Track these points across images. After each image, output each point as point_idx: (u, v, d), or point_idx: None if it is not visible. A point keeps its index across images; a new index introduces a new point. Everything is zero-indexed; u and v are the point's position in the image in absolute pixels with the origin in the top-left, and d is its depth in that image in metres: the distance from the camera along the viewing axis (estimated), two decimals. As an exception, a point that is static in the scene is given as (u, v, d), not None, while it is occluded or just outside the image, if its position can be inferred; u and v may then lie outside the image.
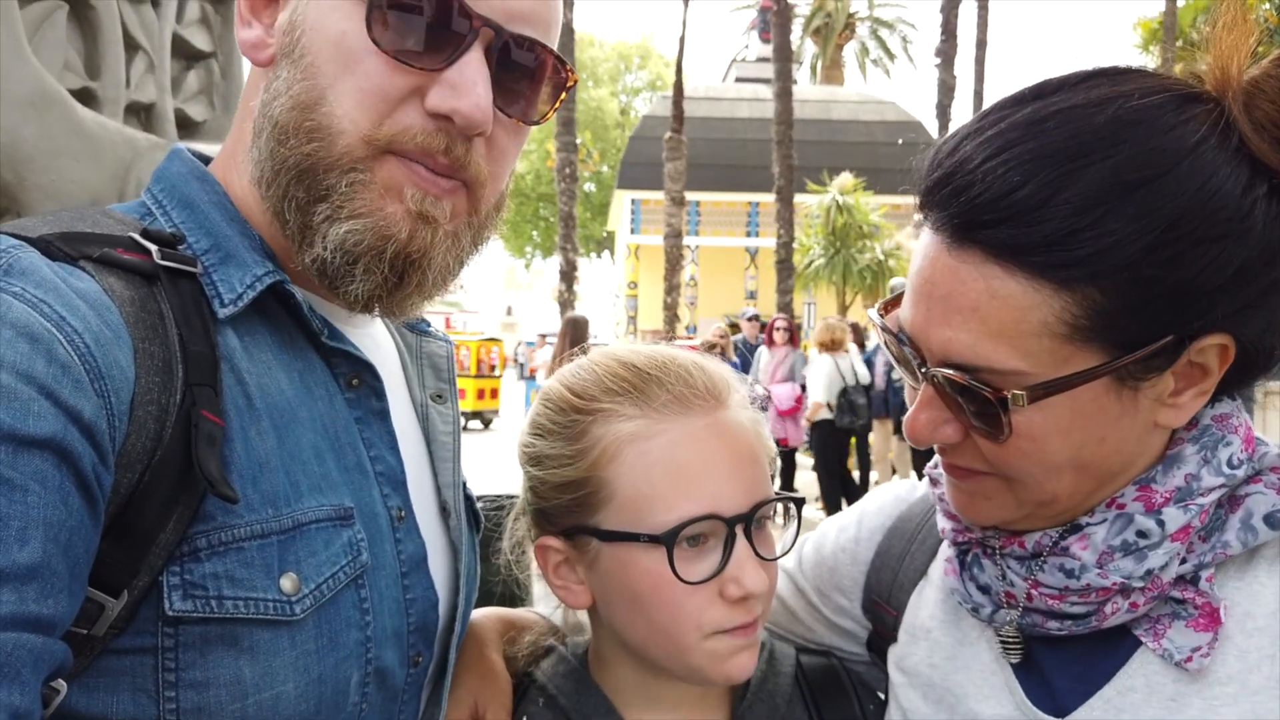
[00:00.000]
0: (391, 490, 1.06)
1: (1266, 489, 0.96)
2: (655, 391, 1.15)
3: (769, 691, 1.26)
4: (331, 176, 0.95)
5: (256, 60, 1.02)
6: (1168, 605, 0.98)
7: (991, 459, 0.97)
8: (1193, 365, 0.93)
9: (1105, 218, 0.86)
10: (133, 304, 0.86)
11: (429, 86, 0.95)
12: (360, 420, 1.06)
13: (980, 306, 0.91)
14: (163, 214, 1.01)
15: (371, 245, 0.96)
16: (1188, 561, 0.96)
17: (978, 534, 1.09)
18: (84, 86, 1.96)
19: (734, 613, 1.11)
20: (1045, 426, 0.93)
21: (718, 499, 1.11)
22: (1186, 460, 0.97)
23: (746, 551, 1.11)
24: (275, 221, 1.00)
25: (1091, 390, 0.91)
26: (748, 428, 1.18)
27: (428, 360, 1.28)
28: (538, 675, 1.29)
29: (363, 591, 0.98)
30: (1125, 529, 0.97)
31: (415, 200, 0.97)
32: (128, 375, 0.82)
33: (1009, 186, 0.89)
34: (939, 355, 0.96)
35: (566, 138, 19.55)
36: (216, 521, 0.86)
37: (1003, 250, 0.89)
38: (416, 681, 1.08)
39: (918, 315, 0.98)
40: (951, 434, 0.98)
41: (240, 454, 0.89)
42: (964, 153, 0.94)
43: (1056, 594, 1.00)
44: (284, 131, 0.96)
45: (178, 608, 0.84)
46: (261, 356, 0.97)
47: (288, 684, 0.89)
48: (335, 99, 0.95)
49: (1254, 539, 0.95)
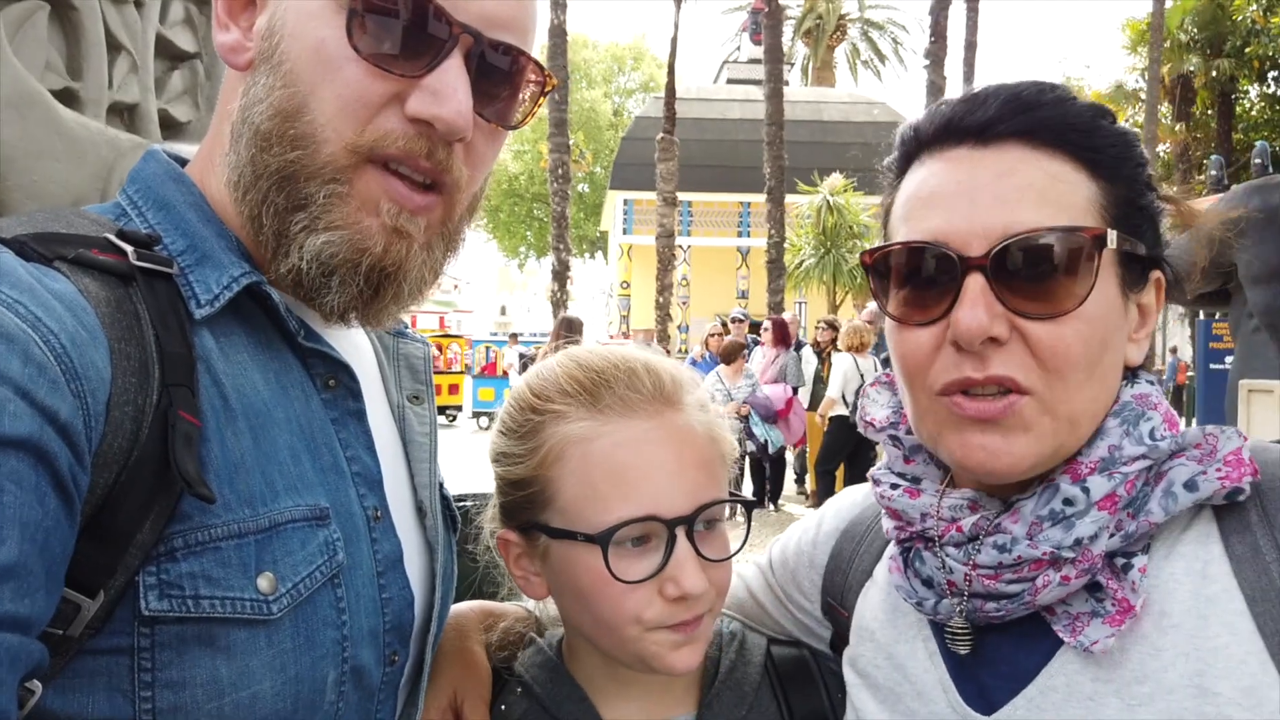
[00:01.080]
0: (368, 490, 1.06)
1: (1188, 461, 0.98)
2: (602, 394, 1.17)
3: (737, 680, 1.28)
4: (312, 186, 0.96)
5: (234, 64, 1.02)
6: (1088, 603, 0.99)
7: (1044, 351, 0.96)
8: (1142, 306, 1.05)
9: (1111, 125, 1.03)
10: (108, 304, 0.86)
11: (409, 92, 0.96)
12: (336, 421, 1.06)
13: (1035, 183, 0.98)
14: (138, 215, 1.01)
15: (347, 258, 0.97)
16: (1116, 536, 0.97)
17: (918, 526, 1.09)
18: (66, 87, 1.95)
19: (674, 610, 1.13)
20: (1096, 307, 0.97)
21: (657, 501, 1.13)
22: (1109, 433, 1.00)
23: (687, 553, 1.13)
24: (250, 226, 1.00)
25: (1112, 284, 1.00)
26: (698, 430, 1.19)
27: (404, 361, 1.28)
28: (516, 666, 1.31)
29: (339, 591, 0.98)
30: (1053, 498, 0.98)
31: (391, 215, 0.98)
32: (104, 376, 0.82)
33: (1036, 89, 1.02)
34: (1000, 235, 0.96)
35: (559, 138, 19.54)
36: (193, 521, 0.86)
37: (1045, 130, 1.00)
38: (393, 680, 1.09)
39: (957, 214, 0.99)
40: (1003, 330, 0.96)
41: (217, 454, 0.90)
42: (970, 96, 1.04)
43: (992, 573, 1.01)
44: (266, 138, 0.96)
45: (154, 607, 0.84)
46: (238, 357, 0.97)
47: (264, 683, 0.89)
48: (317, 107, 0.95)
49: (1174, 504, 0.96)
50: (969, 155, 1.01)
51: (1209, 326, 12.77)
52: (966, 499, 1.06)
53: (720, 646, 1.32)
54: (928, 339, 1.01)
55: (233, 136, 1.00)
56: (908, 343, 1.03)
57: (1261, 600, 0.92)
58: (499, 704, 1.28)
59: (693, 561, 1.13)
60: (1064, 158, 1.00)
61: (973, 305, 0.95)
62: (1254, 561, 0.94)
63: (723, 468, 1.23)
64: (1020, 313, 0.96)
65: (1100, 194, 1.00)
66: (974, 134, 1.01)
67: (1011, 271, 0.96)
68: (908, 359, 1.04)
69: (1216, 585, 0.95)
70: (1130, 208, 1.02)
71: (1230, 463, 0.97)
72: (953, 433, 1.01)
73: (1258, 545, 0.95)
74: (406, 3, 0.94)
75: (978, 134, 1.01)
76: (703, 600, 1.15)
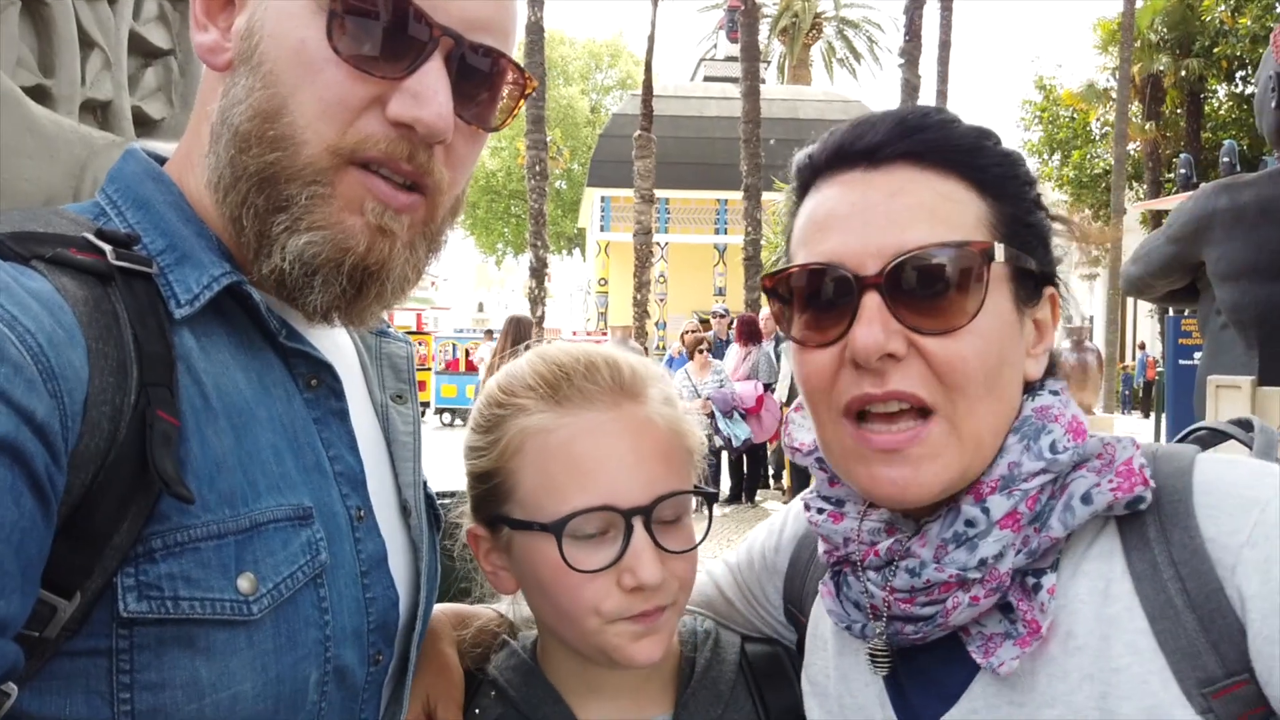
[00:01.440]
0: (350, 490, 1.06)
1: (1088, 473, 0.98)
2: (562, 386, 1.19)
3: (713, 678, 1.29)
4: (293, 187, 0.95)
5: (213, 65, 1.01)
6: (1001, 624, 0.99)
7: (940, 365, 0.97)
8: (1038, 321, 1.07)
9: (995, 146, 1.07)
10: (86, 304, 0.85)
11: (390, 95, 0.96)
12: (319, 420, 1.06)
13: (925, 201, 1.00)
14: (117, 214, 1.00)
15: (330, 257, 0.97)
16: (1022, 553, 0.97)
17: (843, 550, 1.10)
18: (38, 84, 1.94)
19: (632, 601, 1.14)
20: (990, 322, 0.98)
21: (614, 491, 1.14)
22: (1009, 449, 1.01)
23: (644, 543, 1.13)
24: (232, 227, 0.99)
25: (1005, 299, 1.01)
26: (659, 423, 1.20)
27: (387, 361, 1.28)
28: (489, 668, 1.31)
29: (321, 591, 0.98)
30: (956, 521, 0.99)
31: (375, 214, 0.98)
32: (81, 375, 0.81)
33: (921, 112, 1.06)
34: (893, 254, 0.98)
35: (537, 135, 19.47)
36: (172, 522, 0.86)
37: (932, 152, 1.02)
38: (377, 680, 1.08)
39: (851, 236, 1.00)
40: (900, 346, 0.97)
41: (196, 454, 0.89)
42: (858, 122, 1.06)
43: (907, 597, 1.02)
44: (245, 140, 0.96)
45: (132, 609, 0.84)
46: (218, 357, 0.97)
47: (245, 684, 0.89)
48: (297, 108, 0.95)
49: (1073, 519, 0.97)
50: (861, 178, 1.03)
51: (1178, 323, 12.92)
52: (883, 521, 1.08)
53: (695, 645, 1.33)
54: (828, 360, 1.02)
55: (212, 137, 0.99)
56: (810, 364, 1.04)
57: (1161, 618, 0.92)
58: (472, 707, 1.28)
59: (650, 552, 1.13)
60: (952, 177, 1.02)
61: (869, 323, 0.97)
62: (1153, 579, 0.94)
63: (687, 461, 1.24)
64: (915, 329, 0.97)
65: (989, 212, 1.02)
66: (865, 157, 1.03)
67: (906, 289, 0.97)
68: (811, 380, 1.05)
69: (1119, 604, 0.95)
70: (1019, 225, 1.04)
71: (1122, 474, 0.97)
72: (860, 465, 1.02)
73: (1156, 562, 0.94)
74: (387, 4, 0.94)
75: (868, 157, 1.03)
76: (662, 592, 1.15)
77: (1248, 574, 0.88)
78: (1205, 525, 0.93)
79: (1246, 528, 0.90)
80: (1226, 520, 0.92)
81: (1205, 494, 0.95)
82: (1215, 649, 0.89)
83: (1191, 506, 0.94)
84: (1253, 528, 0.89)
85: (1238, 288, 4.35)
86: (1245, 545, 0.89)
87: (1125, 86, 22.78)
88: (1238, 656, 0.88)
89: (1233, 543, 0.90)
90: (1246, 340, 4.33)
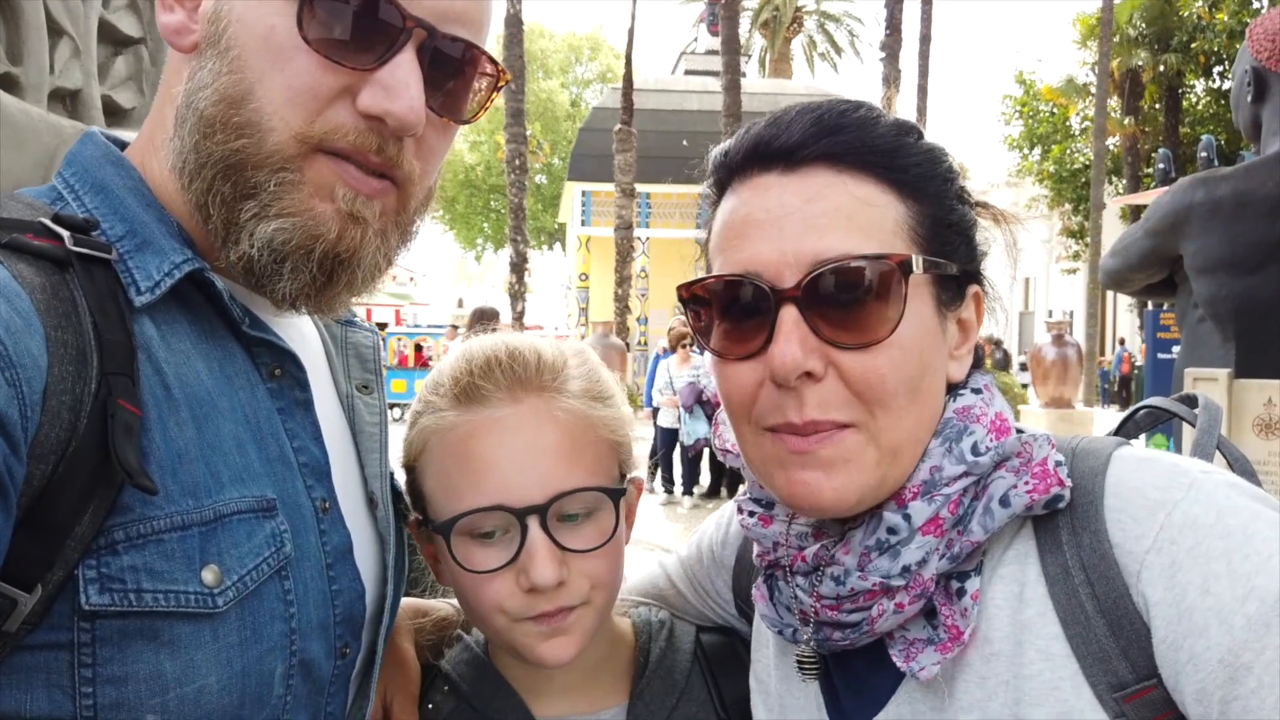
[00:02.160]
0: (315, 481, 1.05)
1: (1007, 473, 0.97)
2: (463, 382, 1.18)
3: (667, 668, 1.29)
4: (261, 174, 0.94)
5: (178, 46, 0.99)
6: (925, 630, 0.98)
7: (858, 383, 0.95)
8: (962, 321, 1.05)
9: (916, 143, 1.03)
10: (44, 291, 0.83)
11: (360, 86, 0.94)
12: (283, 411, 1.04)
13: (841, 207, 0.97)
14: (75, 199, 0.98)
15: (300, 244, 0.95)
16: (945, 557, 0.96)
17: (773, 555, 1.09)
18: (6, 72, 1.91)
19: (532, 601, 1.12)
20: (911, 331, 0.96)
21: (507, 490, 1.12)
22: (931, 454, 0.99)
23: (540, 543, 1.11)
24: (197, 214, 0.97)
25: (926, 305, 0.99)
26: (565, 417, 1.17)
27: (353, 351, 1.26)
28: (442, 664, 1.31)
29: (287, 583, 0.96)
30: (878, 528, 0.98)
31: (346, 200, 0.97)
32: (40, 364, 0.79)
33: (839, 110, 1.01)
34: (809, 264, 0.95)
35: (516, 129, 19.43)
36: (135, 513, 0.84)
37: (850, 154, 0.98)
38: (344, 673, 1.07)
39: (766, 244, 0.97)
40: (818, 364, 0.95)
41: (159, 444, 0.88)
42: (775, 119, 1.03)
43: (834, 604, 1.00)
44: (210, 125, 0.94)
45: (95, 601, 0.82)
46: (180, 346, 0.95)
47: (210, 677, 0.88)
48: (264, 95, 0.93)
49: (992, 523, 0.95)
50: (777, 181, 0.99)
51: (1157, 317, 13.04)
52: (810, 526, 1.06)
53: (650, 635, 1.33)
54: (749, 374, 1.00)
55: (176, 121, 0.97)
56: (730, 378, 1.02)
57: (1073, 623, 0.91)
58: (425, 702, 1.27)
59: (545, 552, 1.11)
60: (870, 180, 0.99)
61: (787, 340, 0.94)
62: (1065, 583, 0.93)
63: (603, 456, 1.20)
64: (833, 343, 0.95)
65: (909, 215, 0.99)
66: (781, 159, 1.00)
67: (823, 301, 0.95)
68: (733, 396, 1.02)
69: (1032, 609, 0.94)
70: (940, 226, 1.01)
71: (1037, 474, 0.95)
72: (778, 469, 1.00)
73: (1067, 566, 0.93)
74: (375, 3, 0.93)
75: (785, 159, 0.99)
76: (566, 592, 1.13)
77: (1152, 580, 0.87)
78: (1113, 530, 0.91)
79: (1151, 533, 0.89)
80: (1132, 525, 0.90)
81: (1114, 496, 0.93)
82: (1125, 654, 0.89)
83: (1101, 510, 0.93)
84: (1158, 532, 0.88)
85: (1214, 281, 4.38)
86: (1150, 551, 0.88)
87: (1104, 81, 22.96)
88: (1146, 661, 0.88)
89: (1138, 549, 0.89)
90: (1223, 333, 4.37)
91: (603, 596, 1.19)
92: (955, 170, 1.06)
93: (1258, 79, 4.45)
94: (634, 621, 1.37)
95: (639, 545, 6.83)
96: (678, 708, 1.26)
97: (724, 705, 1.29)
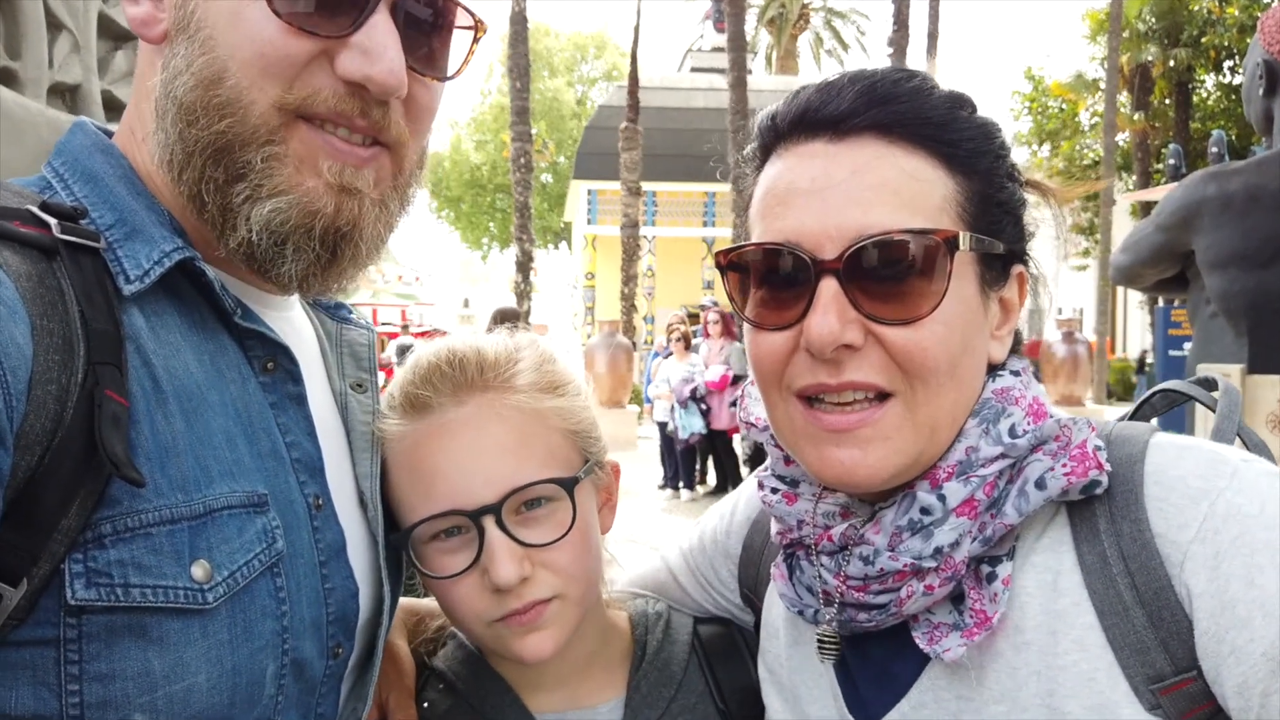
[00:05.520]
0: (308, 477, 1.03)
1: (1044, 456, 0.95)
2: (409, 390, 1.18)
3: (664, 660, 1.29)
4: (249, 152, 0.92)
5: (147, 37, 0.98)
6: (951, 614, 0.97)
7: (899, 354, 0.94)
8: (1005, 301, 1.03)
9: (970, 117, 1.00)
10: (29, 279, 0.82)
11: (338, 50, 0.93)
12: (275, 405, 1.02)
13: (889, 181, 0.95)
14: (64, 187, 0.96)
15: (299, 223, 0.95)
16: (978, 540, 0.94)
17: (796, 533, 1.07)
18: (4, 67, 1.90)
19: (500, 601, 1.11)
20: (953, 308, 0.94)
21: (457, 494, 1.11)
22: (968, 434, 0.98)
23: (499, 542, 1.10)
24: (191, 206, 0.96)
25: (970, 283, 0.97)
26: (512, 413, 1.16)
27: (348, 348, 1.25)
28: (436, 663, 1.30)
29: (279, 580, 0.95)
30: (911, 508, 0.96)
31: (334, 173, 0.95)
32: (25, 352, 0.78)
33: (892, 80, 0.98)
34: (853, 237, 0.93)
35: (522, 128, 19.43)
36: (123, 506, 0.83)
37: (901, 125, 0.96)
38: (336, 673, 1.06)
39: (809, 215, 0.95)
40: (857, 336, 0.93)
41: (147, 436, 0.86)
42: (826, 85, 1.01)
43: (860, 584, 0.99)
44: (191, 111, 0.92)
45: (81, 596, 0.80)
46: (169, 337, 0.93)
47: (199, 675, 0.86)
48: (239, 70, 0.92)
49: (1027, 505, 0.94)
50: (824, 150, 0.98)
51: (1168, 313, 12.98)
52: (839, 505, 1.04)
53: (647, 628, 1.32)
54: (783, 342, 0.98)
55: (157, 114, 0.96)
56: (763, 345, 1.00)
57: (1110, 614, 0.90)
58: (421, 701, 1.26)
59: (505, 550, 1.10)
60: (921, 153, 0.96)
61: (824, 312, 0.93)
62: (1102, 572, 0.91)
63: (553, 447, 1.18)
64: (874, 317, 0.93)
65: (957, 190, 0.97)
66: (829, 127, 0.98)
67: (865, 275, 0.93)
68: (763, 361, 1.01)
69: (1067, 599, 0.93)
70: (988, 203, 0.99)
71: (1075, 457, 0.94)
72: (810, 444, 0.99)
73: (1105, 555, 0.92)
74: None
75: (833, 127, 0.97)
76: (534, 586, 1.12)
77: (1195, 570, 0.86)
78: (1154, 519, 0.90)
79: (1195, 522, 0.87)
80: (1175, 514, 0.89)
81: (1155, 484, 0.91)
82: (1164, 646, 0.87)
83: (1142, 498, 0.91)
84: (1201, 522, 0.87)
85: (1226, 276, 4.35)
86: (1193, 541, 0.87)
87: (1114, 76, 22.85)
88: (1186, 653, 0.87)
89: (1181, 538, 0.88)
90: (1236, 328, 4.33)
91: (578, 588, 1.17)
92: (1007, 147, 1.04)
93: (1269, 72, 4.41)
94: (630, 614, 1.36)
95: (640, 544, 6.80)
96: (676, 699, 1.25)
97: (723, 696, 1.28)
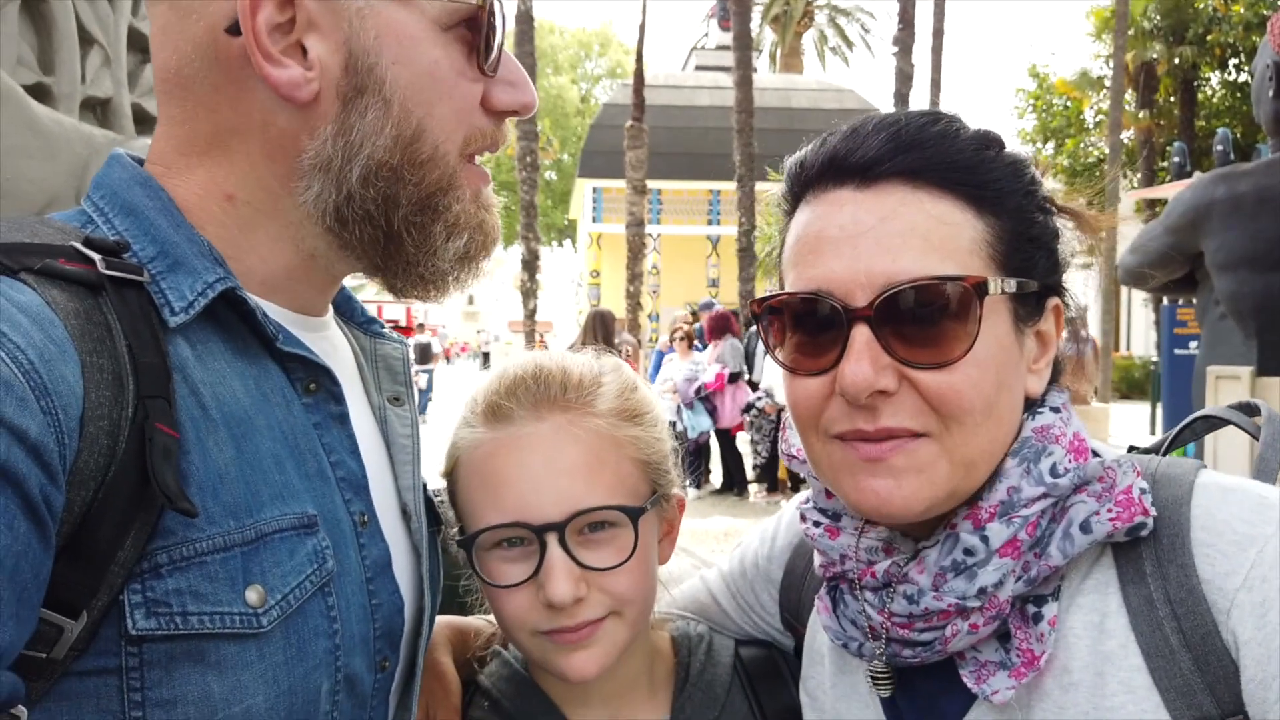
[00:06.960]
0: (354, 495, 1.05)
1: (1088, 498, 0.96)
2: (491, 400, 1.21)
3: (708, 682, 1.30)
4: (447, 197, 1.02)
5: (296, 99, 0.96)
6: (998, 653, 0.97)
7: (933, 398, 0.94)
8: (1041, 334, 1.04)
9: (997, 156, 1.01)
10: (78, 316, 0.83)
11: (491, 89, 1.04)
12: (319, 426, 1.04)
13: (917, 226, 0.96)
14: (105, 221, 0.97)
15: (483, 247, 1.07)
16: (1022, 580, 0.95)
17: (839, 567, 1.08)
18: (38, 82, 1.92)
19: (552, 616, 1.14)
20: (986, 349, 0.96)
21: (525, 507, 1.14)
22: (1008, 474, 0.98)
23: (559, 560, 1.13)
24: (367, 250, 1.04)
25: (1003, 322, 0.98)
26: (589, 435, 1.18)
27: (383, 362, 1.27)
28: (481, 680, 1.32)
29: (330, 599, 0.97)
30: (954, 549, 0.97)
31: (489, 196, 1.08)
32: (75, 391, 0.79)
33: (919, 123, 1.00)
34: (882, 284, 0.94)
35: (527, 125, 19.41)
36: (177, 536, 0.84)
37: (928, 170, 0.97)
38: (384, 687, 1.08)
39: (839, 263, 0.97)
40: (891, 382, 0.95)
41: (198, 465, 0.87)
42: (853, 131, 1.02)
43: (905, 622, 1.00)
44: (394, 170, 0.99)
45: (141, 626, 0.82)
46: (215, 365, 0.95)
47: (257, 697, 0.88)
48: (435, 125, 1.00)
49: (1072, 548, 0.94)
50: (852, 197, 0.98)
51: (1173, 313, 12.97)
52: (882, 540, 1.05)
53: (690, 649, 1.33)
54: (818, 387, 0.99)
55: (318, 168, 0.98)
56: (799, 390, 1.02)
57: (1156, 656, 0.90)
58: (466, 718, 1.28)
59: (563, 569, 1.12)
60: (949, 197, 0.97)
61: (858, 359, 0.94)
62: (1148, 615, 0.92)
63: (624, 474, 1.20)
64: (907, 362, 0.94)
65: (987, 231, 0.98)
66: (857, 174, 0.99)
67: (896, 321, 0.94)
68: (800, 405, 1.02)
69: (1114, 641, 0.94)
70: (1020, 240, 1.00)
71: (1121, 502, 0.94)
72: (847, 475, 1.00)
73: (1152, 598, 0.92)
74: (502, 13, 1.03)
75: (860, 174, 0.98)
76: (586, 608, 1.14)
77: (1242, 618, 0.87)
78: (1201, 565, 0.91)
79: (1243, 569, 0.88)
80: (1222, 561, 0.90)
81: (1202, 530, 0.92)
82: (1210, 689, 0.88)
83: (1189, 543, 0.92)
84: (1249, 569, 0.88)
85: (1236, 277, 4.36)
86: (1240, 589, 0.88)
87: (1119, 74, 22.80)
88: (1233, 698, 0.87)
89: (1228, 585, 0.88)
90: (1245, 330, 4.35)
91: (633, 611, 1.19)
92: (1038, 181, 1.04)
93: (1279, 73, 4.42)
94: (673, 635, 1.37)
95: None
96: None
97: (765, 718, 1.28)
